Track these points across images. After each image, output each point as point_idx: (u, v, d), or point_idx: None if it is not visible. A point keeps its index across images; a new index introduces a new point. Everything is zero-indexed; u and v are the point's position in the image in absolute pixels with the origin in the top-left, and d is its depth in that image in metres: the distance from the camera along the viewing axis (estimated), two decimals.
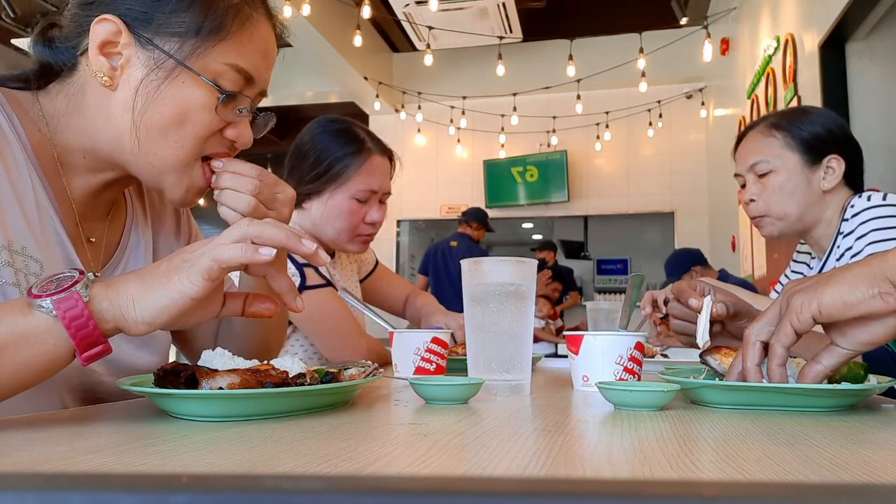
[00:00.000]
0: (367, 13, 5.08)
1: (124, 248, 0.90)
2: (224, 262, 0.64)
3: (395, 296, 1.88)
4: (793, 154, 1.40)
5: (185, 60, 0.76)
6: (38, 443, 0.50)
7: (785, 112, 1.47)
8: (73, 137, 0.81)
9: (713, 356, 0.86)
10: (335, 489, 0.21)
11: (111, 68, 0.76)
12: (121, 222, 0.92)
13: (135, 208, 0.95)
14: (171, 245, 1.00)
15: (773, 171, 1.41)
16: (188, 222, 1.05)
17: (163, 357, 0.92)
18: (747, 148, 1.47)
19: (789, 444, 0.53)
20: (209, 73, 0.77)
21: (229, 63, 0.78)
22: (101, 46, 0.75)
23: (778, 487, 0.21)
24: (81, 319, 0.60)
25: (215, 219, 3.33)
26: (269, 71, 0.86)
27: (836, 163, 1.38)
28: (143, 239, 0.94)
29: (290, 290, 0.74)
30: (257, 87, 0.83)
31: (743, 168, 1.46)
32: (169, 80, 0.76)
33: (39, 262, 0.75)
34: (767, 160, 1.41)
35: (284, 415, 0.66)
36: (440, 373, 1.09)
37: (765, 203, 1.42)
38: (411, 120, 7.00)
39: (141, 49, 0.76)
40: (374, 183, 1.55)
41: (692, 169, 6.62)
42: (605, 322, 1.78)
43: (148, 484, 0.21)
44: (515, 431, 0.58)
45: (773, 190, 1.41)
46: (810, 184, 1.39)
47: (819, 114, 1.45)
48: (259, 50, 0.82)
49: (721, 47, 5.36)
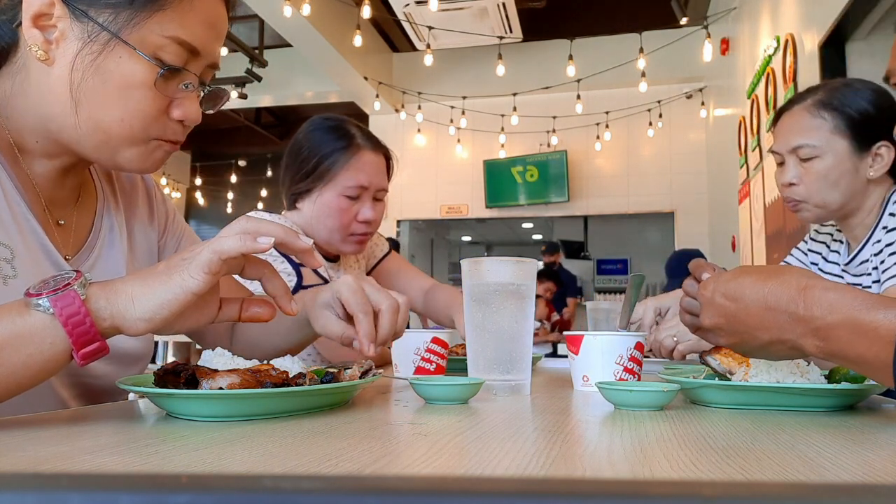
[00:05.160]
0: (367, 13, 5.08)
1: (98, 233, 0.89)
2: (223, 252, 0.64)
3: (411, 290, 1.75)
4: (842, 140, 1.29)
5: (120, 32, 0.72)
6: (38, 443, 0.50)
7: (833, 87, 1.34)
8: (22, 120, 0.78)
9: (713, 356, 0.86)
10: (335, 489, 0.21)
11: (45, 41, 0.72)
12: (91, 207, 0.90)
13: (105, 193, 0.93)
14: (146, 229, 0.98)
15: (818, 157, 1.30)
16: (163, 204, 1.03)
17: (150, 342, 0.92)
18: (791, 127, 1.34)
19: (789, 444, 0.53)
20: (147, 47, 0.73)
21: (169, 35, 0.73)
22: (35, 18, 0.72)
23: (778, 487, 0.21)
24: (78, 317, 0.60)
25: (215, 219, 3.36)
26: (218, 43, 0.80)
27: (885, 150, 1.29)
28: (115, 223, 0.92)
29: (284, 293, 0.74)
30: (204, 61, 0.78)
31: (784, 148, 1.35)
32: (105, 54, 0.72)
33: (9, 248, 0.74)
34: (814, 145, 1.30)
35: (284, 415, 0.66)
36: (440, 373, 1.09)
37: (806, 189, 1.32)
38: (411, 120, 6.99)
39: (76, 21, 0.72)
40: (362, 179, 1.49)
41: (692, 169, 6.62)
42: (605, 322, 1.78)
43: (148, 484, 0.21)
44: (515, 431, 0.58)
45: (817, 177, 1.31)
46: (857, 172, 1.30)
47: (868, 89, 1.32)
48: (203, 20, 0.77)
49: (721, 47, 5.36)
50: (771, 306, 0.69)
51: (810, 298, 0.65)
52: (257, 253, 0.66)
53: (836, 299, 0.64)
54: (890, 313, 0.60)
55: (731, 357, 0.84)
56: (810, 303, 0.65)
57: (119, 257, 0.90)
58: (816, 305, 0.65)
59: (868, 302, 0.62)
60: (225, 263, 0.65)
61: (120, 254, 0.90)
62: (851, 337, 0.62)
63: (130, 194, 0.98)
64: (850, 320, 0.62)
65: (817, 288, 0.66)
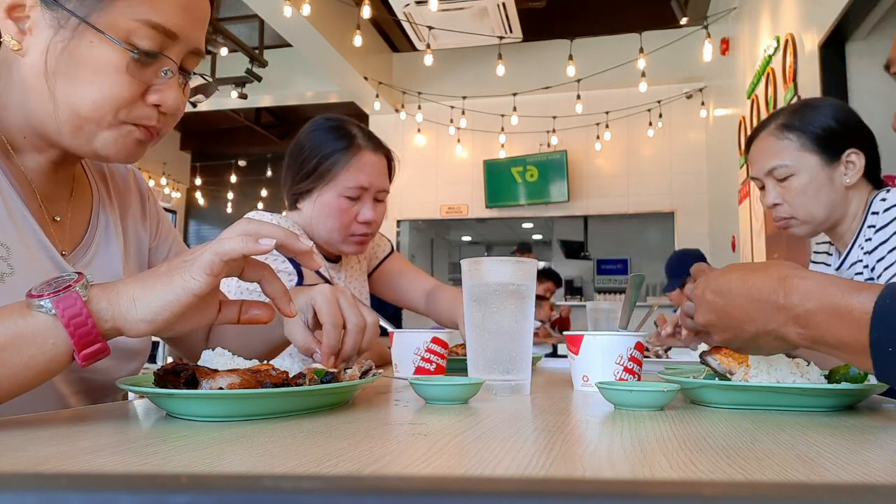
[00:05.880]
0: (367, 13, 5.08)
1: (94, 230, 0.89)
2: (225, 253, 0.65)
3: (413, 291, 1.75)
4: (811, 155, 1.36)
5: (88, 17, 0.71)
6: (38, 443, 0.50)
7: (793, 109, 1.43)
8: (10, 118, 0.78)
9: (713, 356, 0.86)
10: (335, 489, 0.21)
11: (19, 32, 0.72)
12: (87, 204, 0.90)
13: (100, 191, 0.93)
14: (138, 228, 0.98)
15: (793, 175, 1.37)
16: (154, 206, 1.03)
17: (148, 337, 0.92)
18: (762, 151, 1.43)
19: (789, 444, 0.53)
20: (118, 31, 0.71)
21: (140, 19, 0.71)
22: (9, 10, 0.72)
23: (778, 487, 0.21)
24: (80, 318, 0.60)
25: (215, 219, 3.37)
26: (198, 28, 0.78)
27: (855, 157, 1.35)
28: (111, 221, 0.92)
29: (283, 295, 0.74)
30: (183, 46, 0.76)
31: (760, 172, 1.43)
32: (76, 40, 0.71)
33: (6, 245, 0.74)
34: (786, 164, 1.38)
35: (284, 415, 0.66)
36: (440, 373, 1.09)
37: (790, 207, 1.39)
38: (411, 120, 6.99)
39: (46, 10, 0.72)
40: (363, 179, 1.49)
41: (692, 169, 6.62)
42: (605, 322, 1.77)
43: (148, 484, 0.21)
44: (515, 431, 0.58)
45: (797, 193, 1.38)
46: (833, 182, 1.36)
47: (826, 105, 1.41)
48: (177, 3, 0.74)
49: (721, 47, 5.36)
50: (755, 297, 0.71)
51: (790, 287, 0.68)
52: (259, 254, 0.67)
53: (813, 286, 0.66)
54: (863, 296, 0.62)
55: (731, 357, 0.84)
56: (790, 291, 0.67)
57: (115, 254, 0.90)
58: (795, 293, 0.67)
59: (843, 287, 0.64)
60: (226, 265, 0.66)
61: (116, 251, 0.91)
62: (830, 322, 0.64)
63: (124, 194, 0.98)
64: (827, 306, 0.64)
65: (796, 277, 0.68)
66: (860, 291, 0.63)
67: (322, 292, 0.87)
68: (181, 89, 0.79)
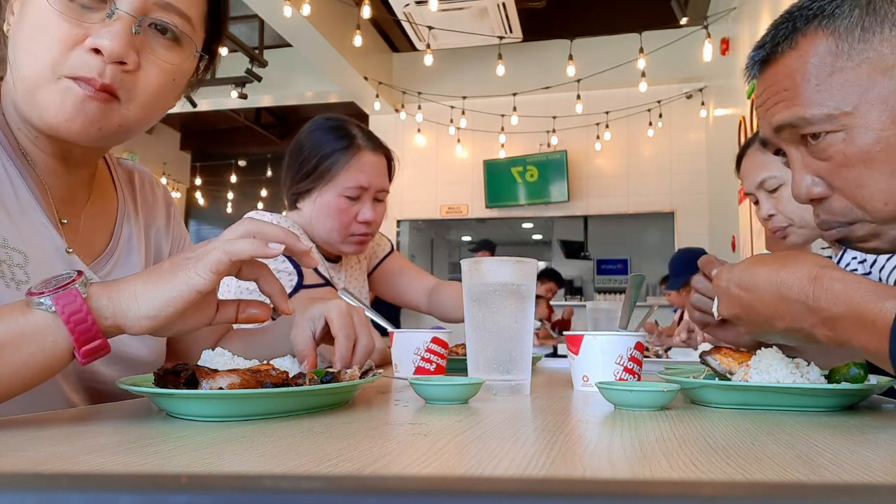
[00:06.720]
0: (367, 13, 5.08)
1: (117, 241, 0.89)
2: (235, 254, 0.65)
3: (414, 290, 1.75)
4: None
5: None
6: (38, 443, 0.50)
7: None
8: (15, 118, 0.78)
9: (713, 356, 0.86)
10: (335, 489, 0.21)
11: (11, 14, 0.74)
12: (111, 212, 0.91)
13: (126, 200, 0.93)
14: (161, 242, 0.99)
15: (783, 185, 1.40)
16: (178, 225, 1.04)
17: (160, 351, 0.91)
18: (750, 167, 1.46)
19: (789, 444, 0.53)
20: None
21: None
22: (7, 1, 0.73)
23: (778, 487, 0.21)
24: (80, 314, 0.60)
25: (215, 219, 3.37)
26: None
27: None
28: (134, 233, 0.92)
29: (280, 294, 0.74)
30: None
31: (752, 187, 1.46)
32: (27, 2, 0.72)
33: (23, 252, 0.74)
34: (774, 175, 1.40)
35: (284, 415, 0.66)
36: (440, 373, 1.09)
37: (785, 215, 1.42)
38: (411, 120, 6.99)
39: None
40: (362, 179, 1.49)
41: (692, 169, 6.62)
42: (605, 322, 1.78)
43: (148, 484, 0.21)
44: (515, 431, 0.58)
45: (788, 201, 1.40)
46: None
47: None
48: None
49: (721, 47, 5.36)
50: (784, 296, 0.71)
51: (819, 289, 0.68)
52: (267, 258, 0.67)
53: (842, 290, 0.66)
54: (888, 304, 0.62)
55: (731, 357, 0.84)
56: (819, 293, 0.68)
57: (136, 266, 0.90)
58: (824, 296, 0.67)
59: (870, 293, 0.64)
60: (232, 265, 0.66)
61: (137, 263, 0.91)
62: (854, 328, 0.64)
63: (152, 206, 0.99)
64: (852, 312, 0.64)
65: (826, 278, 0.68)
66: (884, 299, 0.62)
67: (338, 307, 0.88)
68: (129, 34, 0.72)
